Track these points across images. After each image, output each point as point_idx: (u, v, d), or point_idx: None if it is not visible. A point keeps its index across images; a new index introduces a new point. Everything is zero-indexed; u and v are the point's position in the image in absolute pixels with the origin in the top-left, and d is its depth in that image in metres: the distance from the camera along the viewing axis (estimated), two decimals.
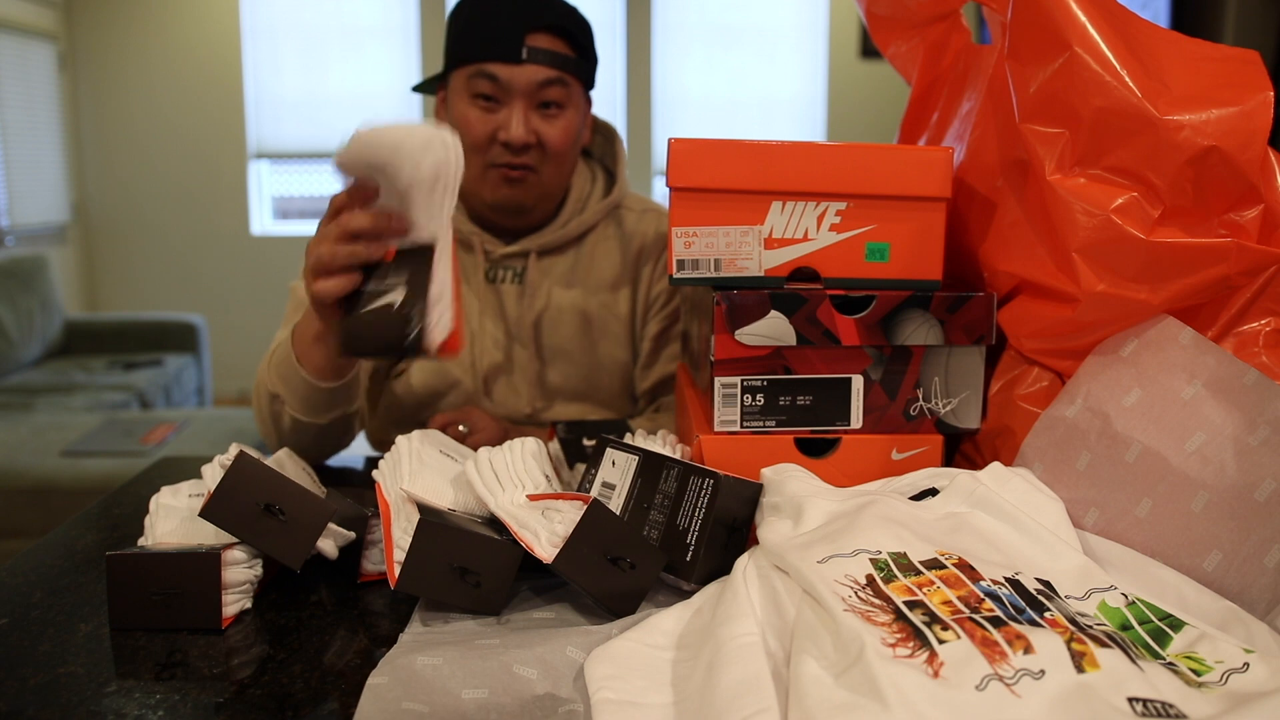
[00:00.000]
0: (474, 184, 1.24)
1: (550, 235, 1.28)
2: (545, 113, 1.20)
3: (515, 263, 1.29)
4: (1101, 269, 0.77)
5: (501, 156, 1.20)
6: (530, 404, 1.30)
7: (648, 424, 1.29)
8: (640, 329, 1.34)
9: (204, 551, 0.73)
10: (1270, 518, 0.68)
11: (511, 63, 1.16)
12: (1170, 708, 0.51)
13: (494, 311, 1.29)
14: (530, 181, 1.22)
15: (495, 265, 1.29)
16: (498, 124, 1.19)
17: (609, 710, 0.58)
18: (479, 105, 1.19)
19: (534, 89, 1.18)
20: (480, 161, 1.21)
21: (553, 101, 1.19)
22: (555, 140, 1.21)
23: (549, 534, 0.74)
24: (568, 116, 1.21)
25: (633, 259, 1.33)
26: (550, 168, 1.23)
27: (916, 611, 0.58)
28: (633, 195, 1.37)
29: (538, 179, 1.23)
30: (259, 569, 0.77)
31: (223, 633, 0.72)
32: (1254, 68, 0.76)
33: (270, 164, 5.06)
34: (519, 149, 1.19)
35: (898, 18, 1.04)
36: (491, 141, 1.20)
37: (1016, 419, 0.87)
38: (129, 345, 4.30)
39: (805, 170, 0.87)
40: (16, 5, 4.44)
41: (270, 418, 1.12)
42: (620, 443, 0.88)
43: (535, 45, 1.17)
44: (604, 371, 1.32)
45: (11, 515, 2.60)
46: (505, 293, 1.29)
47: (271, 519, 0.74)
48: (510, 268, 1.29)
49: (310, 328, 1.01)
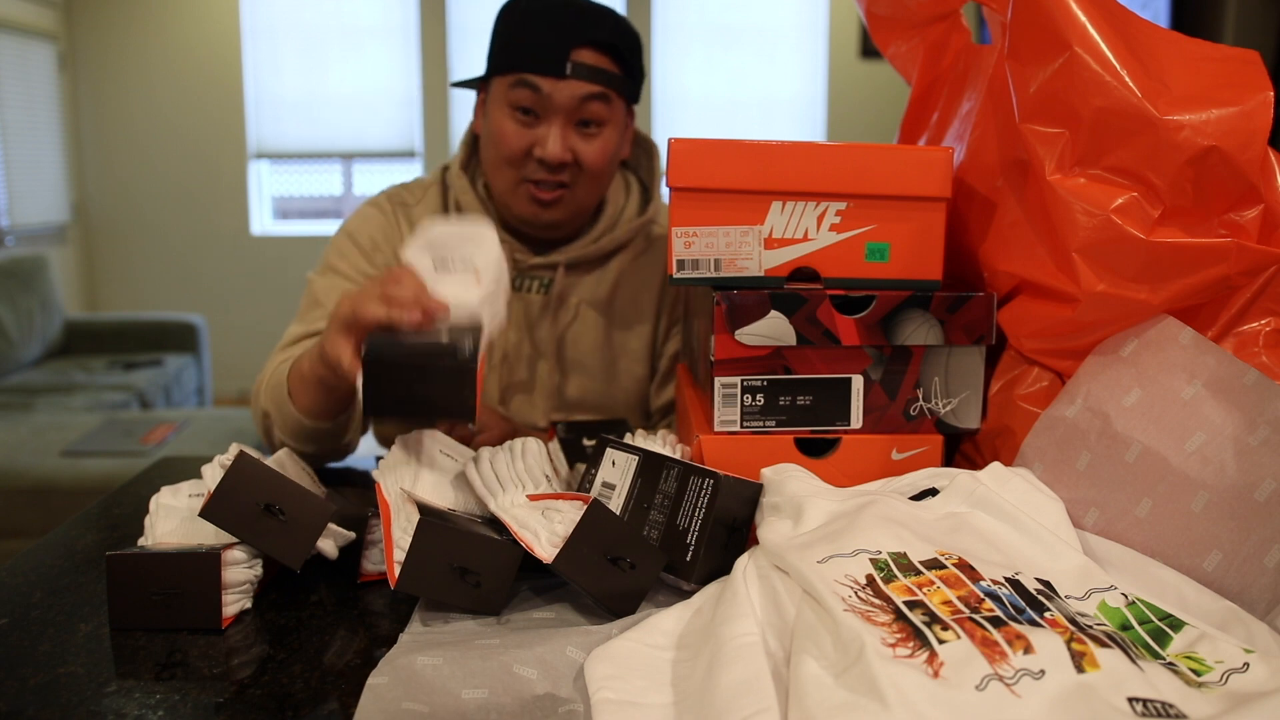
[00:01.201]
0: (505, 196, 1.21)
1: (581, 249, 1.25)
2: (584, 131, 1.16)
3: (543, 273, 1.26)
4: (1101, 269, 0.77)
5: (536, 173, 1.17)
6: (546, 416, 1.28)
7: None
8: (661, 346, 1.32)
9: (204, 551, 0.73)
10: (1270, 518, 0.68)
11: (554, 76, 1.13)
12: (1170, 708, 0.51)
13: (518, 321, 1.26)
14: (564, 200, 1.19)
15: (523, 274, 1.26)
16: (535, 139, 1.15)
17: (609, 710, 0.58)
18: (517, 118, 1.15)
19: (575, 105, 1.14)
20: (514, 175, 1.18)
21: (593, 120, 1.16)
22: (593, 160, 1.17)
23: (549, 534, 0.74)
24: (606, 135, 1.18)
25: (661, 277, 1.31)
26: (585, 187, 1.20)
27: (916, 611, 0.58)
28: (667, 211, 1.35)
29: (571, 196, 1.20)
30: (259, 569, 0.77)
31: (222, 633, 0.72)
32: (1254, 68, 0.76)
33: (270, 164, 5.06)
34: (555, 167, 1.16)
35: (898, 18, 1.04)
36: (527, 156, 1.16)
37: (1016, 419, 0.87)
38: (129, 345, 4.30)
39: (805, 170, 0.87)
40: (16, 5, 4.44)
41: (262, 430, 1.12)
42: (620, 443, 0.88)
43: (580, 60, 1.13)
44: (621, 388, 1.31)
45: (11, 515, 2.60)
46: (530, 302, 1.26)
47: (271, 519, 0.74)
48: (538, 278, 1.26)
49: (312, 370, 0.98)
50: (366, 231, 1.25)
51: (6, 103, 4.38)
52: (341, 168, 5.05)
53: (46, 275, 4.14)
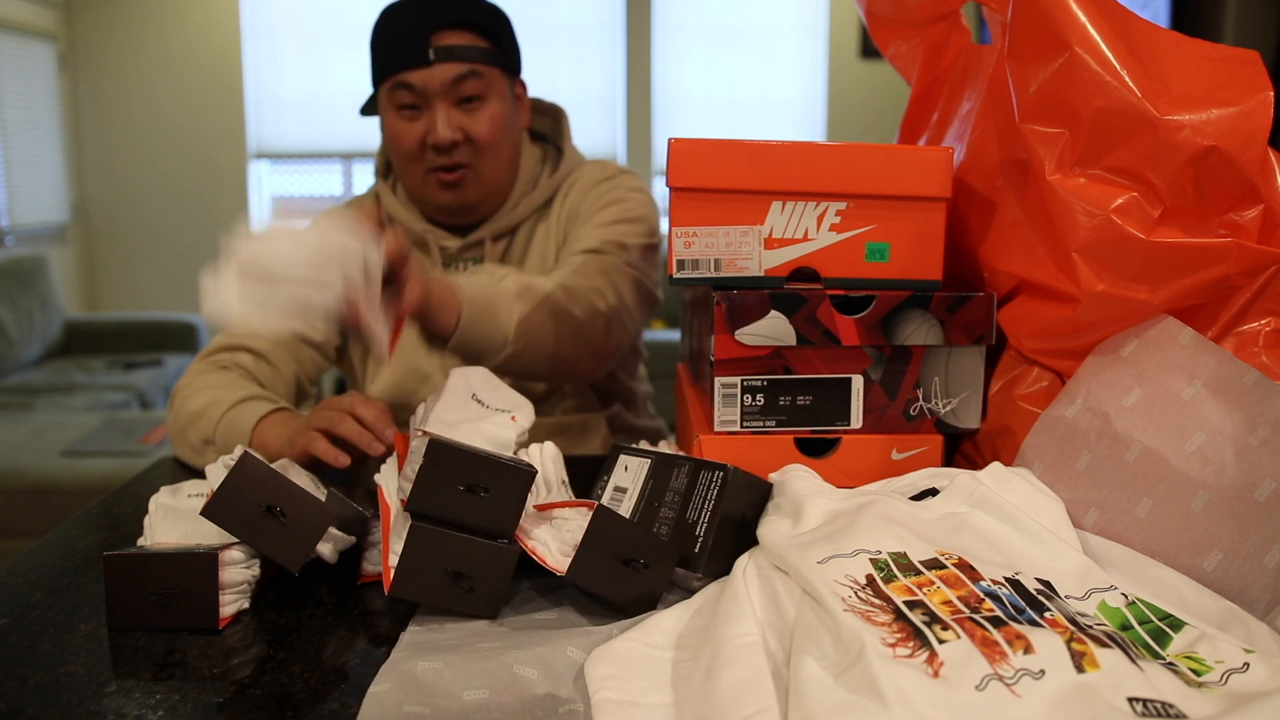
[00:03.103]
0: (418, 191, 1.25)
1: (503, 220, 1.29)
2: (467, 108, 1.21)
3: (473, 252, 1.30)
4: (1101, 269, 0.77)
5: (435, 160, 1.21)
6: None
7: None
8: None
9: (201, 552, 0.73)
10: (1270, 518, 0.68)
11: (421, 66, 1.17)
12: (1170, 708, 0.51)
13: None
14: (468, 180, 1.23)
15: (453, 258, 1.30)
16: (424, 129, 1.20)
17: (609, 710, 0.58)
18: (404, 115, 1.21)
19: (448, 87, 1.18)
20: (418, 169, 1.23)
21: (472, 96, 1.20)
22: (482, 133, 1.21)
23: (559, 544, 0.74)
24: (491, 107, 1.22)
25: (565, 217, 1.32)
26: (485, 161, 1.23)
27: (916, 611, 0.58)
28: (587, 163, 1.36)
29: (475, 175, 1.23)
30: (256, 569, 0.76)
31: (221, 633, 0.72)
32: (1254, 68, 0.76)
33: (270, 164, 5.06)
34: (448, 148, 1.20)
35: (898, 18, 1.04)
36: (423, 147, 1.21)
37: (1016, 419, 0.87)
38: (129, 345, 4.30)
39: (805, 170, 0.87)
40: (16, 5, 4.44)
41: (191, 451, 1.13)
42: (634, 448, 0.88)
43: (442, 44, 1.18)
44: None
45: (11, 515, 2.60)
46: None
47: (272, 521, 0.74)
48: (470, 258, 1.30)
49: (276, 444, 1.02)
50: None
51: (6, 103, 4.38)
52: (341, 168, 5.05)
53: (46, 275, 4.14)
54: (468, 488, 0.72)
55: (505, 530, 0.73)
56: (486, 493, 0.72)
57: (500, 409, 0.89)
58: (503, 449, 0.82)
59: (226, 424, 1.08)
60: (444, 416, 0.84)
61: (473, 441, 0.80)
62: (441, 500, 0.72)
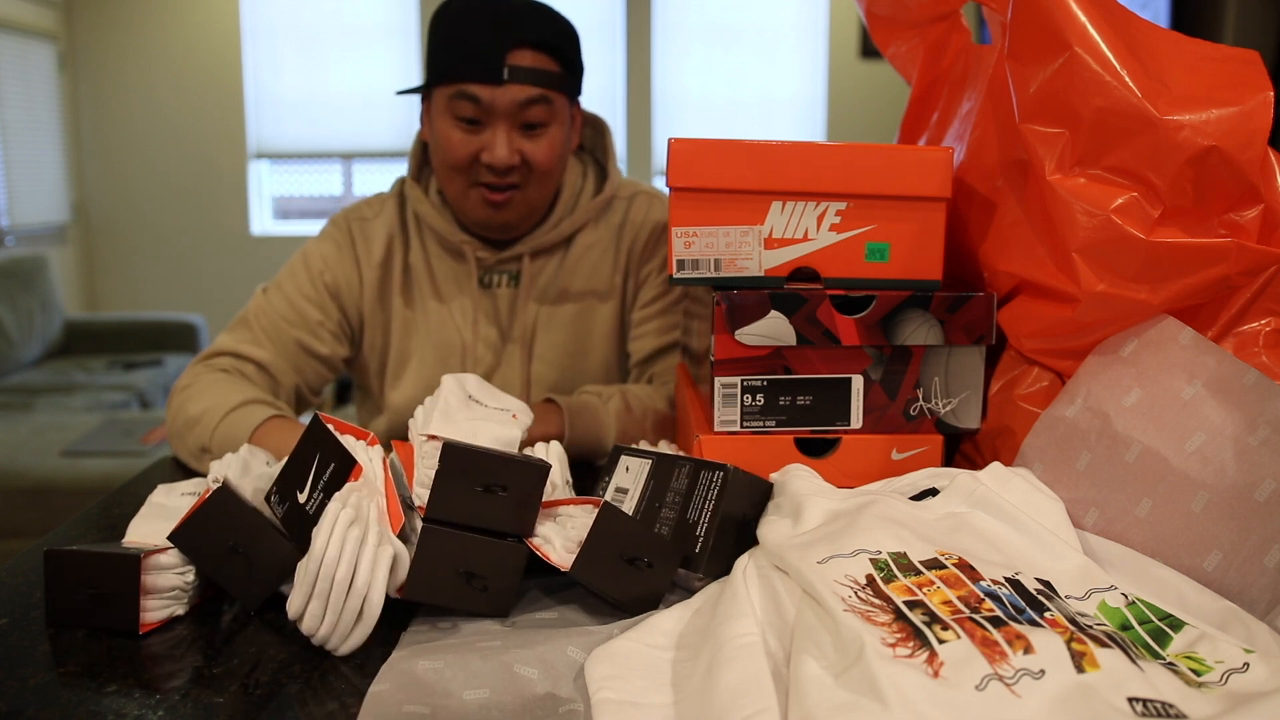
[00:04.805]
0: (459, 202, 1.22)
1: (543, 237, 1.27)
2: (530, 132, 1.17)
3: (510, 266, 1.28)
4: (1101, 269, 0.77)
5: (485, 176, 1.18)
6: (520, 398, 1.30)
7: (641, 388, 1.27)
8: (630, 301, 1.33)
9: (125, 554, 0.72)
10: (1270, 518, 0.68)
11: (493, 84, 1.12)
12: (1170, 708, 0.51)
13: (488, 315, 1.29)
14: (516, 200, 1.21)
15: (489, 270, 1.28)
16: (481, 145, 1.16)
17: (609, 710, 0.58)
18: (461, 127, 1.16)
19: (517, 109, 1.14)
20: (464, 181, 1.19)
21: (537, 122, 1.16)
22: (541, 159, 1.18)
23: (563, 540, 0.74)
24: (553, 134, 1.18)
25: (626, 246, 1.32)
26: (535, 186, 1.21)
27: (916, 611, 0.58)
28: (624, 183, 1.35)
29: (523, 196, 1.21)
30: (192, 575, 0.75)
31: (221, 633, 0.72)
32: (1254, 68, 0.76)
33: (270, 164, 5.06)
34: (503, 170, 1.17)
35: (898, 18, 1.04)
36: (475, 162, 1.17)
37: (1016, 419, 0.87)
38: (129, 345, 4.30)
39: (805, 170, 0.87)
40: (16, 5, 4.44)
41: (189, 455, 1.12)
42: (635, 449, 0.88)
43: (517, 64, 1.13)
44: (592, 361, 1.32)
45: (11, 515, 2.60)
46: (499, 296, 1.29)
47: (236, 557, 0.74)
48: (505, 271, 1.29)
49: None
50: (319, 253, 1.28)
51: (6, 103, 4.38)
52: (341, 168, 5.05)
53: (46, 275, 4.14)
54: (485, 488, 0.72)
55: (524, 527, 0.74)
56: (505, 491, 0.73)
57: (500, 408, 0.89)
58: (509, 447, 0.82)
59: (223, 430, 1.08)
60: (447, 416, 0.85)
61: (480, 440, 0.80)
62: (460, 503, 0.73)
